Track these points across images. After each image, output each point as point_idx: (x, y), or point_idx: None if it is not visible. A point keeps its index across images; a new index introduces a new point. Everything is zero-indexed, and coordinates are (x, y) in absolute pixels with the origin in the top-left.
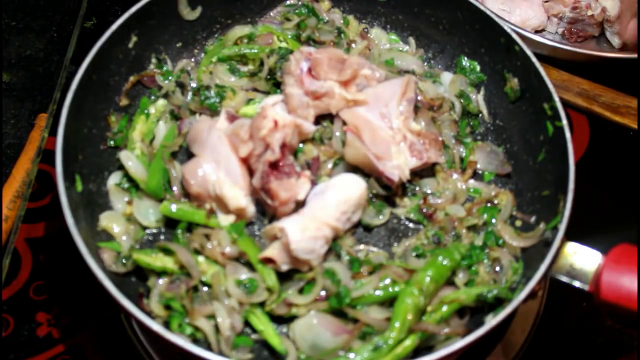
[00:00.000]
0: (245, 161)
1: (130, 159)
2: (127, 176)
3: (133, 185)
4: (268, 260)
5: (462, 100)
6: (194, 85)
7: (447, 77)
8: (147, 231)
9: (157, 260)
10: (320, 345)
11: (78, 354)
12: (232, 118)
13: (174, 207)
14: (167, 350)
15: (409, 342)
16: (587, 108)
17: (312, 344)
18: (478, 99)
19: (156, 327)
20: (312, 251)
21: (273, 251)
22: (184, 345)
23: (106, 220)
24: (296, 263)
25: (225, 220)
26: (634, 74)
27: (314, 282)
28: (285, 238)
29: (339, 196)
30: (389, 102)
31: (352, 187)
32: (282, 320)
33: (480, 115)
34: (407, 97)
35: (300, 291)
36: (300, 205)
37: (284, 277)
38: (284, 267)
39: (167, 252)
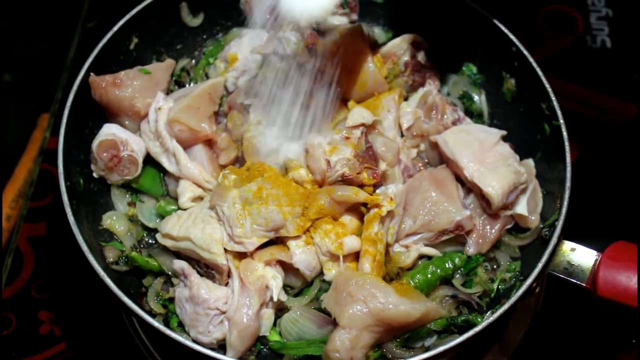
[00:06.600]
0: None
1: None
2: None
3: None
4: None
5: (464, 101)
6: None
7: (450, 78)
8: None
9: (153, 259)
10: (306, 338)
11: (79, 352)
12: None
13: (169, 208)
14: (168, 347)
15: None
16: (577, 112)
17: (298, 338)
18: (481, 100)
19: (157, 324)
20: (313, 268)
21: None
22: (184, 342)
23: (109, 220)
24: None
25: None
26: (624, 77)
27: (310, 285)
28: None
29: None
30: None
31: None
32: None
33: (481, 115)
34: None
35: (298, 293)
36: None
37: None
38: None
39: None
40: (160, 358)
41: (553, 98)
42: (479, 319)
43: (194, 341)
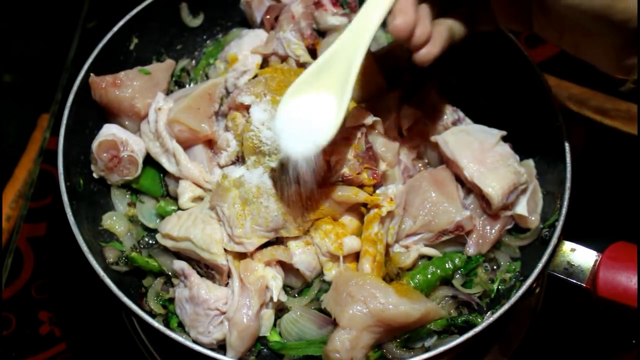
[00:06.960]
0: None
1: None
2: None
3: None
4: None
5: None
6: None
7: (450, 78)
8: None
9: (153, 260)
10: (306, 338)
11: (79, 352)
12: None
13: (169, 208)
14: (168, 347)
15: None
16: (577, 112)
17: (298, 338)
18: (481, 100)
19: (157, 324)
20: (313, 268)
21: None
22: (184, 342)
23: (109, 220)
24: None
25: None
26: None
27: (310, 285)
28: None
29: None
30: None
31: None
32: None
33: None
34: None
35: (298, 294)
36: None
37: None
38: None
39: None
40: (160, 358)
41: (553, 98)
42: (479, 320)
43: (194, 341)
